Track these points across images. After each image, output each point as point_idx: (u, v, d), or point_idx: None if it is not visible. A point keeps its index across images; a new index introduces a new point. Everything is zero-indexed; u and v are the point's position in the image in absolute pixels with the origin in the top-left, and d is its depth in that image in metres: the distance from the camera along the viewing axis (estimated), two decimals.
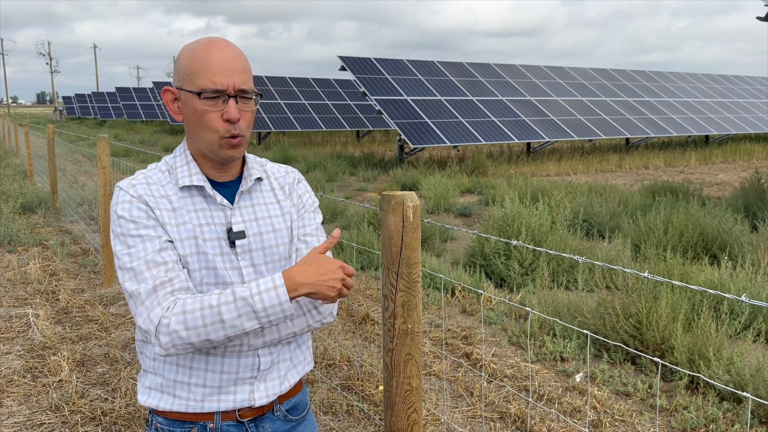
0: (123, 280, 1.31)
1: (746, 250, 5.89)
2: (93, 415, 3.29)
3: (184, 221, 1.34)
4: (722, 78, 27.36)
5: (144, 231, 1.31)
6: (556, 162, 16.24)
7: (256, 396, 1.40)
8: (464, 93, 18.42)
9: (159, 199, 1.35)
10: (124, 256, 1.30)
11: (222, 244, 1.36)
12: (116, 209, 1.34)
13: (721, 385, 1.63)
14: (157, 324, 1.25)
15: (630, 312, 4.05)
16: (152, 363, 1.42)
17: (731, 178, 13.83)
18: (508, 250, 5.71)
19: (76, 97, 61.21)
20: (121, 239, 1.32)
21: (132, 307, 1.30)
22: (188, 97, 1.34)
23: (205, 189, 1.38)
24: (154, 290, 1.27)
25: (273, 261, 1.42)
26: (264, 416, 1.45)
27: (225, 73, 1.31)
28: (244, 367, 1.38)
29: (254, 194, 1.44)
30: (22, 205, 9.19)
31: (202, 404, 1.38)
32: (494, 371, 3.81)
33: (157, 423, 1.43)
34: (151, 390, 1.42)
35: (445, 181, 10.59)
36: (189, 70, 1.33)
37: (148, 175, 1.39)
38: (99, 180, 5.59)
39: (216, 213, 1.38)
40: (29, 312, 4.83)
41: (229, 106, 1.31)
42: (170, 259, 1.30)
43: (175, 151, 1.44)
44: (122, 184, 1.37)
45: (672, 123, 20.74)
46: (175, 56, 17.37)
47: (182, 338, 1.25)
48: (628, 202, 8.86)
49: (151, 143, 26.10)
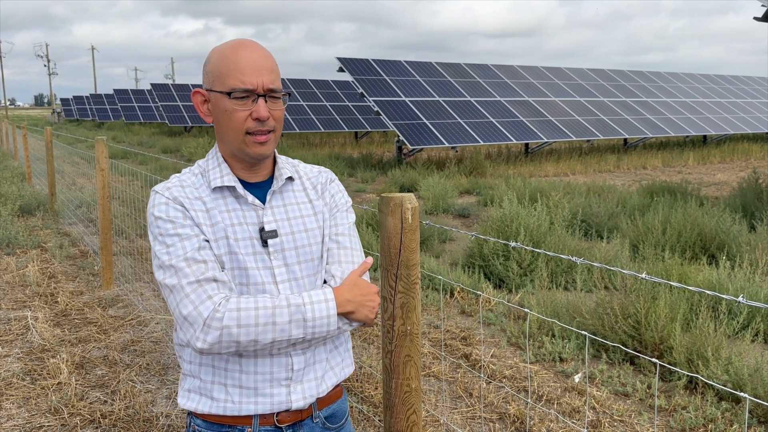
0: (163, 277, 1.31)
1: (744, 249, 5.89)
2: (92, 417, 3.29)
3: (217, 221, 1.36)
4: (720, 78, 27.41)
5: (182, 230, 1.32)
6: (554, 162, 16.25)
7: (293, 398, 1.40)
8: (462, 94, 18.43)
9: (193, 201, 1.37)
10: (163, 255, 1.31)
11: (254, 243, 1.37)
12: (153, 212, 1.36)
13: (719, 385, 1.64)
14: (206, 317, 1.26)
15: (628, 312, 4.05)
16: (189, 366, 1.43)
17: (729, 178, 13.85)
18: (506, 250, 5.72)
19: (74, 99, 61.17)
20: (159, 239, 1.33)
21: (172, 301, 1.30)
22: (218, 98, 1.36)
23: (236, 189, 1.39)
24: (198, 283, 1.28)
25: (306, 260, 1.42)
26: (302, 422, 1.44)
27: (254, 73, 1.33)
28: (278, 367, 1.38)
29: (286, 194, 1.45)
30: (20, 208, 9.18)
31: (240, 406, 1.38)
32: (493, 372, 3.82)
33: (195, 426, 1.43)
34: (190, 393, 1.43)
35: (443, 182, 10.59)
36: (219, 71, 1.35)
37: (182, 179, 1.41)
38: (97, 182, 5.59)
39: (248, 213, 1.39)
40: (28, 314, 4.83)
41: (259, 105, 1.34)
42: (209, 258, 1.32)
43: (208, 155, 1.46)
44: (158, 188, 1.39)
45: (670, 123, 20.77)
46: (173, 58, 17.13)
47: (232, 335, 1.26)
48: (627, 202, 8.87)
49: (149, 145, 26.08)
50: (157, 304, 5.13)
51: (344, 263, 1.44)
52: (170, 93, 33.75)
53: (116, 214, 9.12)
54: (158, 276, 1.33)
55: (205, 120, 1.41)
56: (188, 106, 33.16)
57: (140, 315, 4.88)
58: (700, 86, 25.60)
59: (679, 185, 9.88)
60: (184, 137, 29.34)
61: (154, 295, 5.42)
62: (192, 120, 32.15)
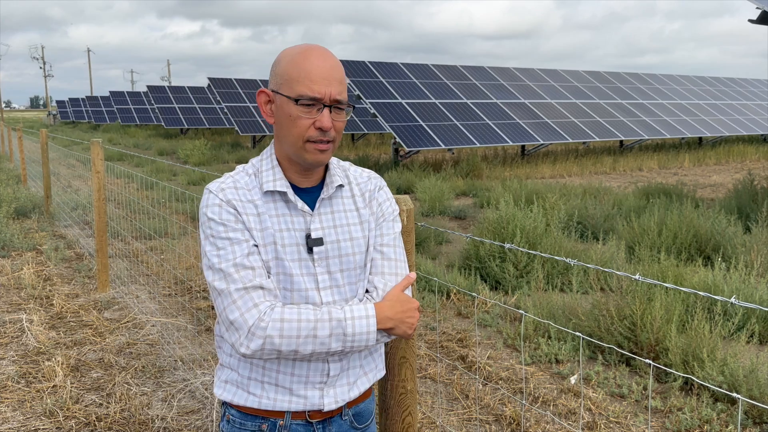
0: (212, 279, 1.34)
1: (739, 251, 5.91)
2: (88, 420, 3.28)
3: (267, 226, 1.37)
4: (715, 80, 27.51)
5: (233, 234, 1.34)
6: (550, 164, 16.28)
7: (325, 401, 1.43)
8: (459, 96, 18.46)
9: (246, 204, 1.38)
10: (214, 257, 1.34)
11: (300, 249, 1.39)
12: (206, 212, 1.37)
13: (714, 387, 1.64)
14: (251, 325, 1.29)
15: (624, 314, 4.06)
16: (228, 359, 1.47)
17: (724, 180, 13.89)
18: (502, 252, 5.72)
19: (70, 101, 61.05)
20: (210, 240, 1.35)
21: (219, 304, 1.33)
22: (284, 102, 1.36)
23: (287, 194, 1.40)
24: (246, 291, 1.31)
25: (348, 269, 1.43)
26: (332, 419, 1.48)
27: (323, 83, 1.34)
28: (314, 372, 1.41)
29: (335, 200, 1.45)
30: (15, 210, 9.16)
31: (274, 403, 1.42)
32: (489, 374, 3.82)
33: (230, 415, 1.48)
34: (227, 384, 1.46)
35: (440, 184, 10.60)
36: (288, 76, 1.35)
37: (236, 179, 1.41)
38: (93, 184, 5.57)
39: (296, 218, 1.40)
40: (23, 317, 4.81)
41: (323, 115, 1.34)
42: (257, 265, 1.34)
43: (263, 154, 1.47)
44: (212, 188, 1.39)
45: (665, 125, 20.83)
46: (169, 60, 17.24)
47: (274, 344, 1.29)
48: (622, 204, 8.89)
49: (145, 147, 26.05)
50: (152, 307, 5.12)
51: (387, 275, 1.45)
52: (166, 95, 33.72)
53: (112, 216, 9.10)
54: (207, 276, 1.36)
55: (267, 120, 1.42)
56: (184, 108, 33.13)
57: (136, 318, 4.87)
58: (696, 88, 25.68)
59: (675, 187, 9.91)
60: (180, 139, 29.31)
61: (149, 297, 5.41)
62: (188, 122, 32.12)
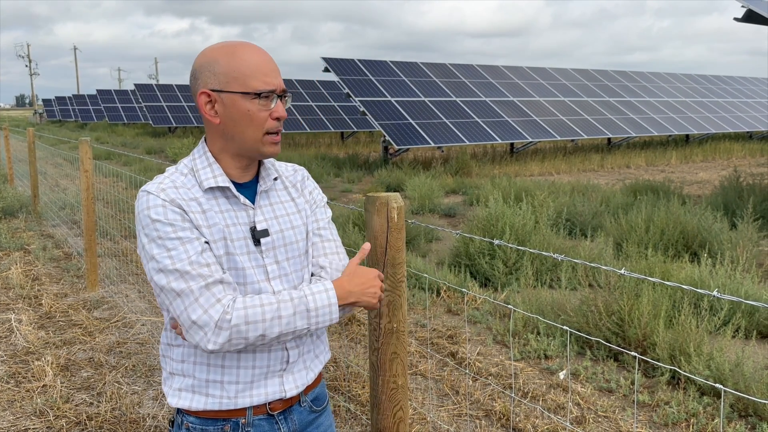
0: (167, 281, 1.30)
1: (725, 247, 5.98)
2: (78, 419, 3.27)
3: (215, 222, 1.37)
4: (702, 78, 27.73)
5: (182, 233, 1.32)
6: (539, 162, 16.36)
7: (286, 388, 1.46)
8: (448, 94, 18.50)
9: (189, 202, 1.37)
10: (165, 259, 1.31)
11: (248, 243, 1.41)
12: (149, 213, 1.33)
13: (701, 380, 1.67)
14: (217, 320, 1.28)
15: (612, 309, 4.10)
16: (180, 365, 1.44)
17: (711, 177, 14.03)
18: (492, 249, 5.76)
19: (57, 99, 60.49)
20: (158, 243, 1.32)
21: (178, 305, 1.30)
22: (236, 99, 1.36)
23: (229, 190, 1.41)
24: (206, 287, 1.30)
25: (294, 257, 1.47)
26: (292, 408, 1.51)
27: (273, 74, 1.38)
28: (275, 361, 1.44)
29: (271, 193, 1.49)
30: (2, 210, 9.09)
31: (236, 401, 1.41)
32: (479, 369, 3.85)
33: (188, 423, 1.44)
34: (181, 391, 1.44)
35: (429, 182, 10.63)
36: (238, 72, 1.35)
37: (173, 179, 1.40)
38: (81, 183, 5.55)
39: (239, 213, 1.42)
40: (12, 317, 4.79)
41: (279, 105, 1.39)
42: (211, 261, 1.33)
43: (194, 153, 1.45)
44: (150, 189, 1.36)
45: (653, 122, 20.98)
46: (157, 58, 16.95)
47: (240, 332, 1.29)
48: (610, 201, 8.96)
49: (133, 146, 25.89)
50: (142, 306, 5.11)
51: (330, 254, 1.51)
52: (154, 93, 33.50)
53: (100, 215, 9.06)
54: (159, 280, 1.31)
55: (212, 121, 1.39)
56: (172, 106, 32.94)
57: (125, 316, 4.86)
58: (683, 86, 25.88)
59: (662, 184, 10.00)
60: (168, 138, 29.14)
61: (139, 296, 5.39)
62: (176, 120, 31.94)
